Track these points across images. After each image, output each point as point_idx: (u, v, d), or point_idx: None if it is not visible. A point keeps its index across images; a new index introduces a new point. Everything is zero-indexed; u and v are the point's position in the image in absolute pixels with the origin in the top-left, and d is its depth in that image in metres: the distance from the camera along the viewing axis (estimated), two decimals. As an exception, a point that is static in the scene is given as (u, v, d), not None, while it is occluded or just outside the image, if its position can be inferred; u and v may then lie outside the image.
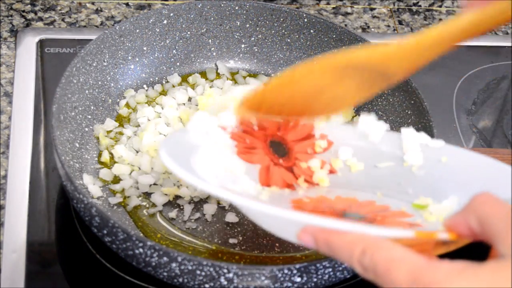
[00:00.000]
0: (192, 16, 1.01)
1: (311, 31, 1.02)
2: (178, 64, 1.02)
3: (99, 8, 1.14)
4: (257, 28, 1.03)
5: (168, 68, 1.02)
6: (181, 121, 0.95)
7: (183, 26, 1.01)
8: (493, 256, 0.57)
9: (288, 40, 1.03)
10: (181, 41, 1.01)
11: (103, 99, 0.95)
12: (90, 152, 0.91)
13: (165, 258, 0.73)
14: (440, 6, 1.24)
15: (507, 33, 1.22)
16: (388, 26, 1.19)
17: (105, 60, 0.95)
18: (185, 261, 0.73)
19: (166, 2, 1.16)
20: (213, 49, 1.03)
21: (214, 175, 0.73)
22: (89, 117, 0.93)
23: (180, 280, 0.75)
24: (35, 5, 1.12)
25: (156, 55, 1.00)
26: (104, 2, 1.15)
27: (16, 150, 0.92)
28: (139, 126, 0.95)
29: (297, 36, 1.02)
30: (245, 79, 1.03)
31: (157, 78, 1.01)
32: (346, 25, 1.18)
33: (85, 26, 1.11)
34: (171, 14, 0.99)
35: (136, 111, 0.96)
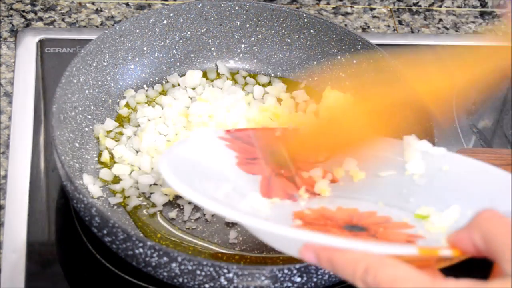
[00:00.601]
0: (192, 16, 1.01)
1: (311, 31, 1.02)
2: (178, 64, 1.02)
3: (99, 8, 1.14)
4: (257, 28, 1.03)
5: (168, 68, 1.02)
6: (181, 121, 0.95)
7: (183, 26, 1.01)
8: (496, 273, 0.57)
9: (288, 40, 1.03)
10: (181, 41, 1.01)
11: (103, 99, 0.95)
12: (90, 152, 0.91)
13: (165, 258, 0.73)
14: (440, 6, 1.24)
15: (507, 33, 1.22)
16: (388, 26, 1.19)
17: (105, 60, 0.95)
18: (185, 261, 0.73)
19: (166, 2, 1.16)
20: (213, 49, 1.03)
21: (215, 188, 0.72)
22: (89, 117, 0.93)
23: (180, 280, 0.75)
24: (35, 5, 1.12)
25: (156, 55, 1.00)
26: (104, 2, 1.15)
27: (16, 150, 0.92)
28: (139, 126, 0.95)
29: (297, 36, 1.02)
30: (245, 79, 1.03)
31: (157, 78, 1.01)
32: (346, 25, 1.17)
33: (85, 26, 1.11)
34: (171, 14, 0.99)
35: (136, 111, 0.96)
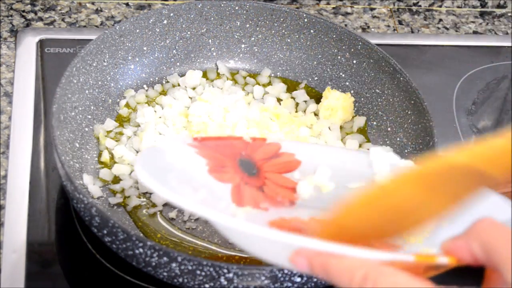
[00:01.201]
0: (192, 16, 1.01)
1: (311, 31, 1.02)
2: (178, 64, 1.02)
3: (99, 8, 1.14)
4: (257, 28, 1.03)
5: (168, 68, 1.02)
6: (181, 121, 0.95)
7: (183, 26, 1.01)
8: (491, 282, 0.56)
9: (288, 40, 1.03)
10: (181, 41, 1.01)
11: (103, 99, 0.95)
12: (90, 152, 0.91)
13: (165, 258, 0.73)
14: (440, 6, 1.24)
15: (507, 33, 1.22)
16: (388, 26, 1.19)
17: (105, 60, 0.95)
18: (185, 261, 0.73)
19: (166, 2, 1.16)
20: (213, 49, 1.03)
21: (192, 193, 0.72)
22: (89, 117, 0.93)
23: (180, 280, 0.75)
24: (35, 5, 1.12)
25: (156, 55, 1.00)
26: (104, 2, 1.15)
27: (16, 150, 0.92)
28: (139, 126, 0.95)
29: (297, 36, 1.02)
30: (245, 79, 1.03)
31: (157, 78, 1.01)
32: (346, 25, 1.18)
33: (85, 26, 1.11)
34: (171, 14, 0.99)
35: (136, 111, 0.96)
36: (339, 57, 1.01)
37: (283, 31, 1.02)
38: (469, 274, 0.61)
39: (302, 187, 0.79)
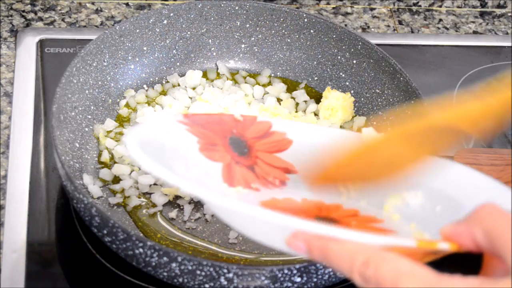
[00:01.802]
0: (192, 16, 1.01)
1: (311, 31, 1.02)
2: (178, 64, 1.02)
3: (99, 8, 1.14)
4: (257, 28, 1.03)
5: (168, 68, 1.02)
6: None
7: (183, 26, 1.01)
8: (491, 269, 0.56)
9: (288, 40, 1.03)
10: (181, 41, 1.01)
11: (103, 99, 0.95)
12: (90, 152, 0.91)
13: (165, 258, 0.73)
14: (440, 6, 1.24)
15: (507, 33, 1.22)
16: (388, 26, 1.19)
17: (105, 60, 0.95)
18: (185, 261, 0.73)
19: (166, 2, 1.16)
20: (213, 49, 1.03)
21: (185, 171, 0.70)
22: (89, 117, 0.93)
23: (180, 280, 0.75)
24: (35, 5, 1.12)
25: (156, 55, 1.00)
26: (104, 2, 1.15)
27: (16, 150, 0.92)
28: (139, 126, 0.94)
29: (297, 36, 1.02)
30: (245, 79, 1.03)
31: (157, 78, 1.01)
32: (346, 25, 1.17)
33: (85, 26, 1.11)
34: (171, 14, 0.99)
35: (136, 111, 0.96)
36: (339, 57, 1.01)
37: (283, 31, 1.02)
38: (465, 262, 0.60)
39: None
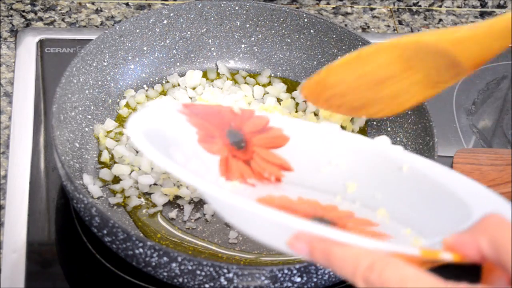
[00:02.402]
0: (192, 16, 1.01)
1: (311, 31, 1.02)
2: (178, 64, 1.02)
3: (99, 8, 1.14)
4: (257, 28, 1.03)
5: (168, 68, 1.02)
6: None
7: (183, 26, 1.01)
8: (490, 277, 0.55)
9: (288, 40, 1.03)
10: (181, 41, 1.01)
11: (103, 99, 0.95)
12: (90, 152, 0.91)
13: (165, 258, 0.73)
14: (440, 6, 1.24)
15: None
16: (388, 26, 1.19)
17: (105, 60, 0.95)
18: (185, 261, 0.73)
19: (166, 2, 1.16)
20: (213, 49, 1.03)
21: (185, 162, 0.69)
22: (89, 117, 0.93)
23: (180, 280, 0.75)
24: (35, 5, 1.12)
25: (156, 55, 1.00)
26: (104, 2, 1.15)
27: (16, 150, 0.92)
28: (139, 126, 0.94)
29: (297, 36, 1.02)
30: (245, 79, 1.03)
31: (157, 78, 1.01)
32: (346, 25, 1.18)
33: (85, 26, 1.11)
34: (171, 14, 0.99)
35: (136, 111, 0.96)
36: (339, 57, 1.00)
37: (283, 31, 1.02)
38: (464, 271, 0.60)
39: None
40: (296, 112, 0.99)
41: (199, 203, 0.88)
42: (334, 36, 1.00)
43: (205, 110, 0.78)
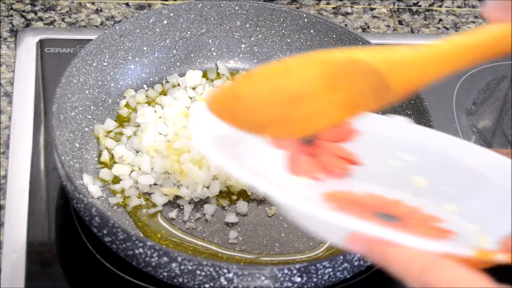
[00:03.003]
0: (192, 16, 1.01)
1: (311, 31, 1.02)
2: (178, 64, 1.02)
3: (99, 8, 1.14)
4: (257, 28, 1.03)
5: (168, 68, 1.02)
6: (181, 121, 0.95)
7: (183, 26, 1.01)
8: None
9: (288, 40, 1.03)
10: (181, 41, 1.01)
11: (103, 99, 0.95)
12: (90, 152, 0.91)
13: (165, 258, 0.73)
14: (440, 6, 1.24)
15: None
16: (388, 26, 1.19)
17: (105, 60, 0.95)
18: (185, 261, 0.73)
19: (166, 2, 1.16)
20: (213, 49, 1.03)
21: (250, 161, 0.69)
22: (89, 117, 0.93)
23: (180, 280, 0.75)
24: (35, 5, 1.12)
25: (156, 55, 1.00)
26: (104, 2, 1.15)
27: (16, 150, 0.92)
28: (139, 126, 0.95)
29: (297, 36, 1.02)
30: (245, 79, 1.03)
31: (157, 78, 1.01)
32: (346, 25, 1.18)
33: (85, 26, 1.11)
34: (171, 14, 0.99)
35: (136, 111, 0.96)
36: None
37: (283, 31, 1.02)
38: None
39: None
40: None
41: (199, 203, 0.88)
42: (334, 36, 1.00)
43: None
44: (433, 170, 0.74)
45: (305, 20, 1.01)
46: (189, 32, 1.01)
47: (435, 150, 0.75)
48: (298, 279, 0.74)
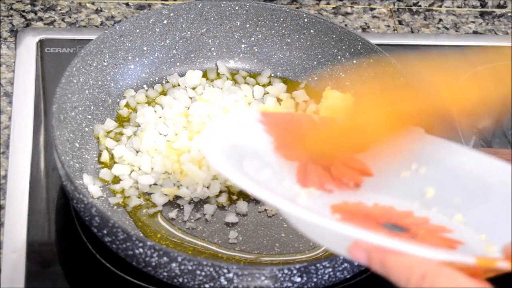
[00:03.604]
0: (192, 16, 1.01)
1: (311, 31, 1.02)
2: (178, 64, 1.02)
3: (99, 8, 1.14)
4: (257, 28, 1.03)
5: (168, 68, 1.02)
6: (181, 121, 0.95)
7: (183, 26, 1.01)
8: None
9: (288, 40, 1.03)
10: (181, 41, 1.01)
11: (103, 99, 0.95)
12: (90, 152, 0.91)
13: (165, 258, 0.73)
14: (440, 6, 1.24)
15: (507, 33, 1.22)
16: (388, 26, 1.19)
17: (105, 60, 0.95)
18: (185, 261, 0.73)
19: (166, 2, 1.16)
20: (213, 49, 1.03)
21: (256, 172, 0.70)
22: (89, 117, 0.93)
23: (180, 280, 0.75)
24: (35, 5, 1.12)
25: (156, 55, 1.00)
26: (104, 2, 1.15)
27: (16, 150, 0.92)
28: (139, 126, 0.95)
29: (297, 36, 1.02)
30: (245, 79, 1.03)
31: (157, 78, 1.01)
32: (346, 25, 1.17)
33: (85, 26, 1.11)
34: (171, 14, 0.99)
35: (136, 111, 0.96)
36: (339, 57, 1.01)
37: (283, 31, 1.02)
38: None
39: None
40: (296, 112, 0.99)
41: (199, 203, 0.88)
42: (334, 36, 1.00)
43: (284, 118, 0.78)
44: (441, 180, 0.75)
45: (305, 20, 1.01)
46: (189, 32, 1.01)
47: (443, 160, 0.76)
48: (298, 279, 0.74)
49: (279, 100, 1.00)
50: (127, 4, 1.15)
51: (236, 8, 1.01)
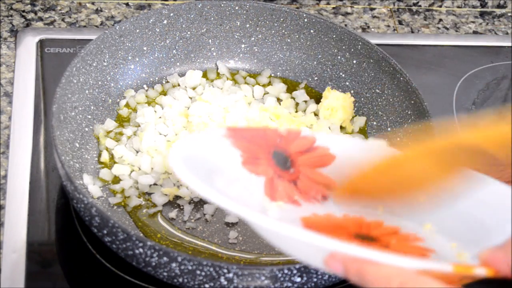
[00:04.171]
0: (192, 16, 1.01)
1: (311, 31, 1.02)
2: (178, 64, 1.02)
3: (99, 8, 1.14)
4: (257, 28, 1.03)
5: (168, 68, 1.02)
6: (181, 121, 0.95)
7: (183, 26, 1.01)
8: None
9: (288, 40, 1.03)
10: (181, 41, 1.01)
11: (103, 99, 0.95)
12: (90, 152, 0.91)
13: (165, 258, 0.73)
14: (440, 6, 1.24)
15: (507, 33, 1.22)
16: (388, 26, 1.19)
17: (105, 60, 0.95)
18: (185, 261, 0.73)
19: (166, 2, 1.16)
20: (213, 49, 1.03)
21: (226, 186, 0.71)
22: (89, 117, 0.93)
23: (180, 280, 0.75)
24: (35, 5, 1.12)
25: (156, 55, 1.00)
26: (104, 2, 1.15)
27: (16, 150, 0.92)
28: (139, 126, 0.95)
29: (297, 36, 1.02)
30: (245, 79, 1.03)
31: (157, 78, 1.01)
32: (346, 25, 1.18)
33: (85, 26, 1.11)
34: (171, 14, 0.99)
35: (136, 111, 0.96)
36: (339, 57, 1.01)
37: (283, 31, 1.02)
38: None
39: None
40: (296, 112, 0.99)
41: (199, 203, 0.88)
42: (334, 36, 1.00)
43: (250, 133, 0.79)
44: None
45: (305, 20, 1.01)
46: (189, 32, 1.01)
47: None
48: (298, 279, 0.74)
49: (279, 100, 1.00)
50: (127, 4, 1.15)
51: (236, 8, 1.01)
